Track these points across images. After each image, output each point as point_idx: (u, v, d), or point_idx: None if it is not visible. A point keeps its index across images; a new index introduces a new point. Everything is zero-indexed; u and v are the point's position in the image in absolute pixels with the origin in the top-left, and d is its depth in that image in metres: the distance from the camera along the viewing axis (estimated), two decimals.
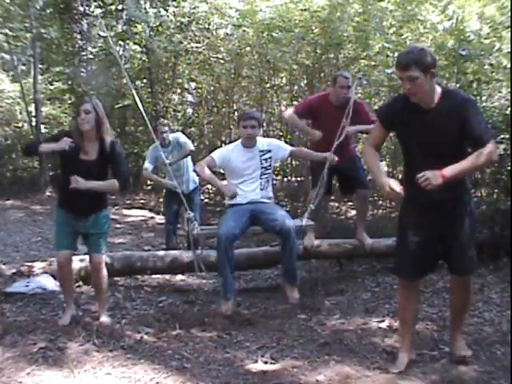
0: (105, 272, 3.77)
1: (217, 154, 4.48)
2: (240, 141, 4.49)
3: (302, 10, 8.67)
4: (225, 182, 4.50)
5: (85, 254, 4.65)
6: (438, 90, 2.77)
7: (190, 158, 6.05)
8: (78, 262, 4.45)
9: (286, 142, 7.02)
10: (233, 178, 4.45)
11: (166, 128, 5.90)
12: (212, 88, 10.90)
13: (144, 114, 4.31)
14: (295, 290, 4.18)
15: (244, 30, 9.73)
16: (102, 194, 3.70)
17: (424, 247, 2.86)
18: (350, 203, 8.13)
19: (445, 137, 2.73)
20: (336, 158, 4.47)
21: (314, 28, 8.43)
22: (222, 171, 4.74)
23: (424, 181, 2.57)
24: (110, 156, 3.58)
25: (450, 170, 2.58)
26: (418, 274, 2.97)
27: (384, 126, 2.96)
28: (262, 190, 4.43)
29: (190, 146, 5.95)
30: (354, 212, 7.72)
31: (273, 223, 4.15)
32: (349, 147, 4.97)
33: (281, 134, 9.92)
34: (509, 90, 6.69)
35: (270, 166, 4.49)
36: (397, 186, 2.71)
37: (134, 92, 4.80)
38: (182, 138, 6.02)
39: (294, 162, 9.30)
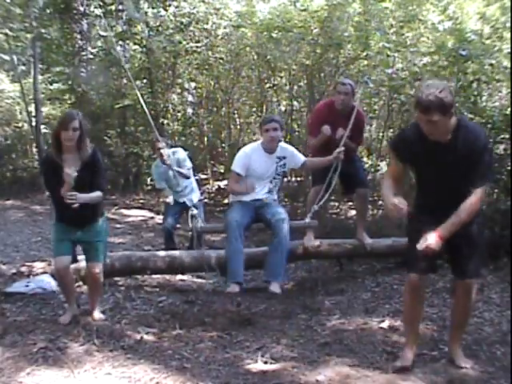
0: (101, 279, 3.83)
1: (238, 166, 4.49)
2: (260, 143, 4.50)
3: (301, 10, 8.66)
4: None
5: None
6: (453, 120, 2.74)
7: (191, 170, 6.03)
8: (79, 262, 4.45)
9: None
10: (247, 177, 4.49)
11: (163, 144, 5.78)
12: (212, 88, 10.90)
13: (147, 111, 4.35)
14: (277, 285, 4.17)
15: (243, 31, 9.73)
16: (96, 205, 3.72)
17: None
18: (350, 203, 8.13)
19: (457, 170, 2.76)
20: (342, 156, 4.55)
21: (313, 28, 8.43)
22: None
23: (426, 248, 2.68)
24: (92, 164, 3.59)
25: (444, 230, 2.71)
26: (428, 268, 2.94)
27: (399, 159, 2.96)
28: (268, 192, 4.48)
29: (188, 171, 5.94)
30: (354, 212, 7.72)
31: (269, 216, 4.32)
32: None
33: None
34: (509, 90, 6.69)
35: (282, 172, 4.57)
36: (400, 203, 2.76)
37: (137, 91, 4.81)
38: (181, 154, 5.99)
39: None
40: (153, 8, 11.09)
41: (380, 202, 7.77)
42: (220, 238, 6.59)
